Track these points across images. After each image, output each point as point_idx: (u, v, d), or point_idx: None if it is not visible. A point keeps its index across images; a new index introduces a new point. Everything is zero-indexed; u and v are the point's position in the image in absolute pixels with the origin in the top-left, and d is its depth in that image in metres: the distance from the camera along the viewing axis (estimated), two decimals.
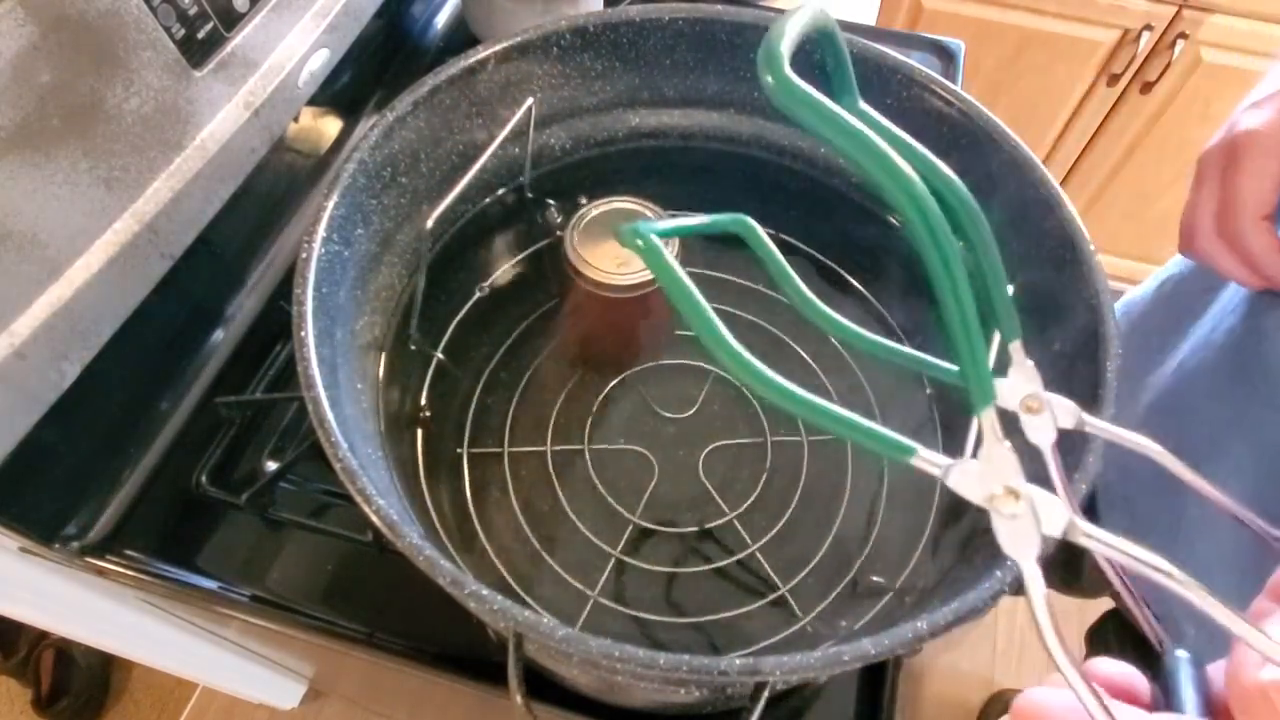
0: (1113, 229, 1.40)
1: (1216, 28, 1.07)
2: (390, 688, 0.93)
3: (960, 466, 0.21)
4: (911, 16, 1.18)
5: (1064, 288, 0.40)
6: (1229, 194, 0.40)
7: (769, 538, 0.46)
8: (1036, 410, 0.24)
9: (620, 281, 0.45)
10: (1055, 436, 0.24)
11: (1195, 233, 0.42)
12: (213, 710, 1.14)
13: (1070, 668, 0.18)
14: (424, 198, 0.46)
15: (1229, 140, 0.40)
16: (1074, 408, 0.24)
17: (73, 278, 0.41)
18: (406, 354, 0.46)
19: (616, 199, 0.48)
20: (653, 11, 0.47)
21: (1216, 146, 0.42)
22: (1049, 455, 0.24)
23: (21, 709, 1.10)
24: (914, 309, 0.52)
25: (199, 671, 0.83)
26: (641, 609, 0.44)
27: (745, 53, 0.49)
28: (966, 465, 0.21)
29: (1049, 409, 0.24)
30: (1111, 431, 0.25)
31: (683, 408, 0.51)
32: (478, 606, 0.28)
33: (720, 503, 0.47)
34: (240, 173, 0.51)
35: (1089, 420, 0.24)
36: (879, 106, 0.27)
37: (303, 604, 0.47)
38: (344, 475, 0.31)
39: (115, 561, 0.48)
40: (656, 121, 0.52)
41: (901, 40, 0.77)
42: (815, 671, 0.28)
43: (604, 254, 0.46)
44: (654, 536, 0.46)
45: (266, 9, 0.50)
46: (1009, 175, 0.43)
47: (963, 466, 0.21)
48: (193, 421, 0.53)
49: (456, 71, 0.44)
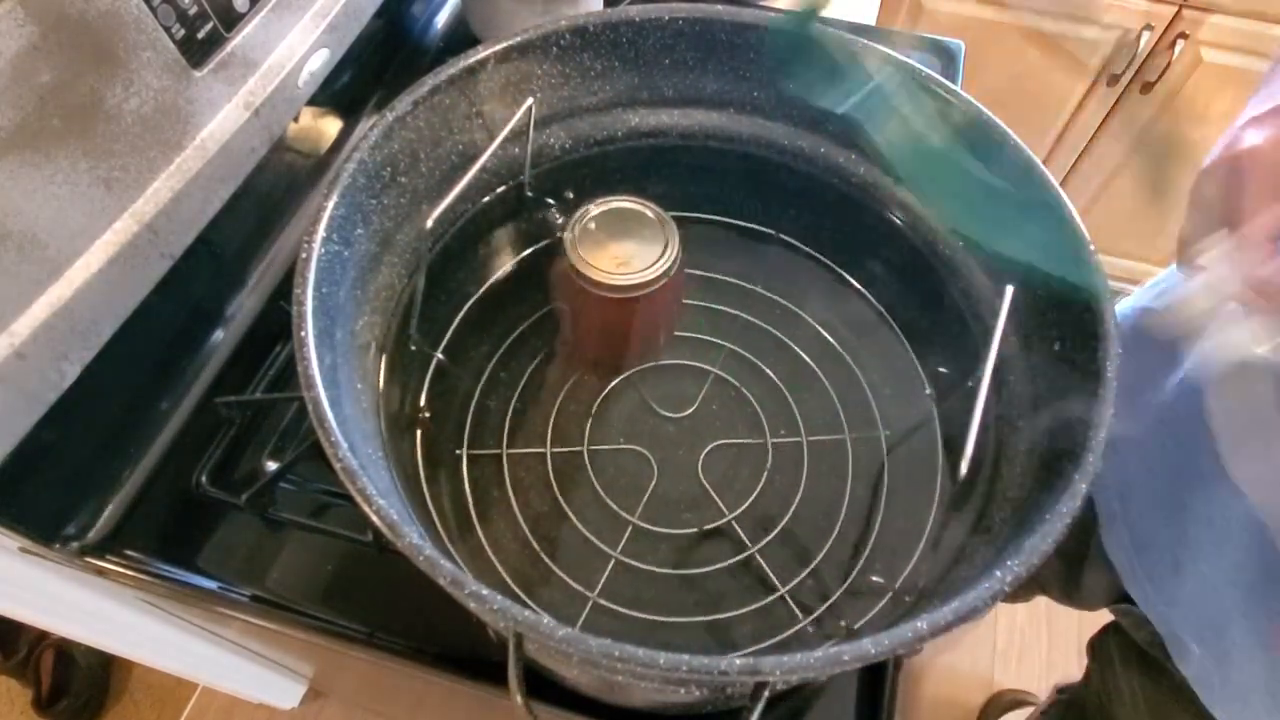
0: (1113, 229, 1.40)
1: (1216, 28, 1.07)
2: (390, 688, 0.93)
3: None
4: (911, 16, 1.17)
5: (1064, 288, 0.40)
6: (1234, 216, 0.39)
7: (769, 538, 0.46)
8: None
9: (620, 281, 0.45)
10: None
11: (1189, 244, 0.42)
12: (213, 710, 1.14)
13: None
14: (424, 198, 0.46)
15: (1230, 159, 0.40)
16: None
17: (73, 278, 0.41)
18: (406, 354, 0.46)
19: (616, 199, 0.48)
20: (653, 11, 0.47)
21: (1217, 165, 0.41)
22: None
23: (21, 709, 1.10)
24: (913, 307, 0.52)
25: (199, 671, 0.83)
26: (641, 609, 0.44)
27: (745, 53, 0.49)
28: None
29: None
30: None
31: (682, 407, 0.51)
32: (478, 606, 0.28)
33: (720, 503, 0.47)
34: (240, 173, 0.51)
35: None
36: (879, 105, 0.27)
37: (303, 604, 0.47)
38: (344, 475, 0.31)
39: (115, 561, 0.48)
40: (656, 121, 0.52)
41: (901, 40, 0.77)
42: (815, 671, 0.28)
43: (604, 254, 0.46)
44: (653, 537, 0.46)
45: (266, 9, 0.50)
46: (1009, 175, 0.43)
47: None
48: (193, 421, 0.53)
49: (456, 71, 0.44)
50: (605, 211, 0.47)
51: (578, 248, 0.46)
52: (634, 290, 0.46)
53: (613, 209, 0.48)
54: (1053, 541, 0.30)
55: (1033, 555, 0.30)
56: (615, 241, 0.46)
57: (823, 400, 0.51)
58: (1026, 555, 0.30)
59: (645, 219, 0.47)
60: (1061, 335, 0.40)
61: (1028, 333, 0.43)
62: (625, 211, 0.48)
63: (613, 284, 0.45)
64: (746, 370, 0.53)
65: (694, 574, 0.46)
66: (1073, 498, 0.32)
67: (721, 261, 0.56)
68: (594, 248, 0.46)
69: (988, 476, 0.42)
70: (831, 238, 0.54)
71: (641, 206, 0.48)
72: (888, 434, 0.50)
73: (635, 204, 0.48)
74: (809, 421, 0.50)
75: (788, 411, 0.51)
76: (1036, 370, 0.42)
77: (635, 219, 0.47)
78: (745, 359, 0.53)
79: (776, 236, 0.55)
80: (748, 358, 0.53)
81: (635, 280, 0.45)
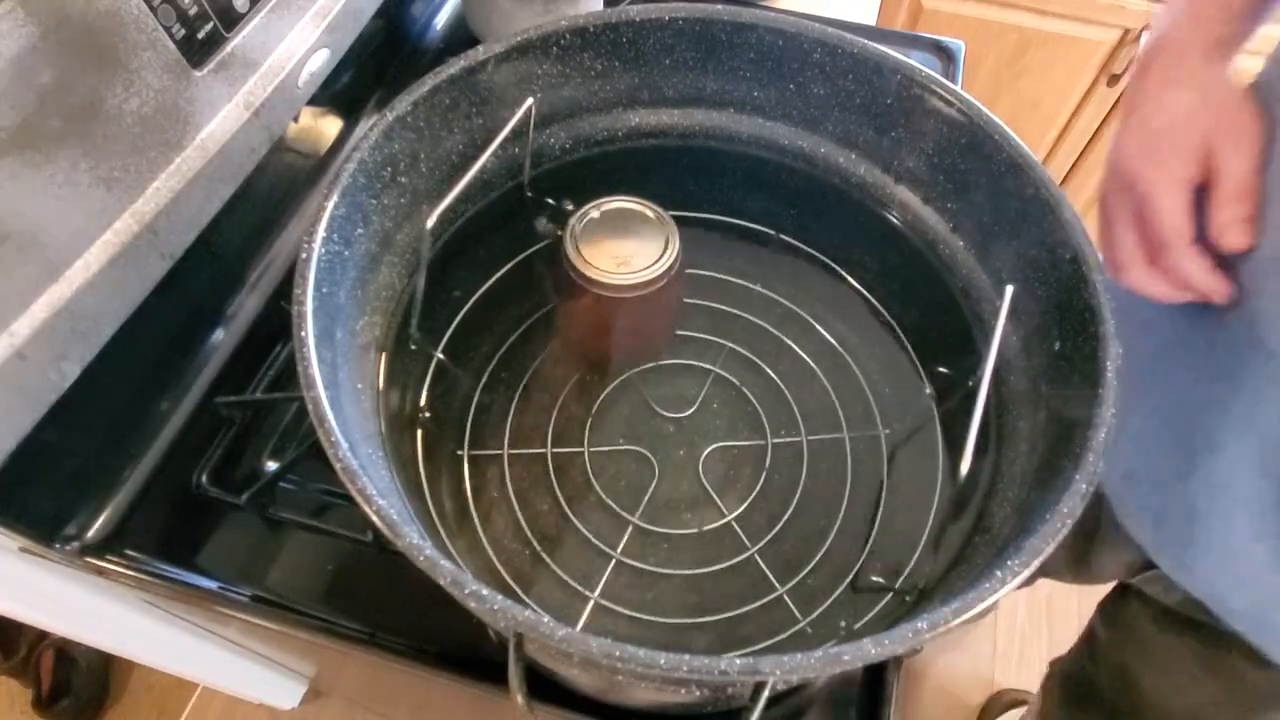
0: None
1: None
2: (391, 688, 0.93)
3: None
4: (911, 16, 1.17)
5: (1064, 288, 0.40)
6: (1152, 230, 0.41)
7: (769, 538, 0.46)
8: None
9: (620, 281, 0.45)
10: None
11: (1125, 268, 0.43)
12: (213, 710, 1.14)
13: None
14: (424, 198, 0.46)
15: (1125, 175, 0.41)
16: None
17: (73, 278, 0.41)
18: (406, 354, 0.46)
19: (617, 198, 0.48)
20: (653, 11, 0.47)
21: (1113, 182, 0.43)
22: None
23: (21, 709, 1.10)
24: (913, 307, 0.52)
25: (199, 671, 0.83)
26: (641, 610, 0.44)
27: (745, 52, 0.49)
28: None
29: None
30: None
31: (682, 407, 0.51)
32: (478, 607, 0.28)
33: (720, 503, 0.47)
34: (240, 173, 0.51)
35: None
36: (879, 106, 0.27)
37: (303, 604, 0.47)
38: (344, 475, 0.31)
39: (115, 561, 0.48)
40: (656, 121, 0.52)
41: (901, 40, 0.77)
42: (815, 671, 0.28)
43: (604, 254, 0.46)
44: (654, 537, 0.46)
45: (266, 9, 0.50)
46: (1009, 175, 0.43)
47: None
48: (193, 421, 0.53)
49: (456, 71, 0.44)
50: (606, 211, 0.47)
51: (578, 247, 0.46)
52: (634, 289, 0.46)
53: (613, 208, 0.48)
54: (1053, 542, 0.31)
55: (1033, 555, 0.30)
56: (615, 241, 0.46)
57: (823, 400, 0.51)
58: (1026, 555, 0.30)
59: (645, 218, 0.47)
60: (1061, 335, 0.40)
61: (1028, 333, 0.43)
62: (626, 211, 0.48)
63: (612, 283, 0.45)
64: (747, 370, 0.53)
65: (694, 574, 0.46)
66: (1073, 498, 0.32)
67: (721, 261, 0.56)
68: (594, 247, 0.46)
69: (988, 476, 0.42)
70: (831, 237, 0.54)
71: (642, 206, 0.48)
72: (888, 434, 0.50)
73: (635, 204, 0.48)
74: (809, 421, 0.51)
75: (788, 411, 0.51)
76: (1036, 370, 0.42)
77: (636, 218, 0.47)
78: (746, 359, 0.53)
79: (776, 237, 0.55)
80: (748, 357, 0.53)
81: (635, 280, 0.45)
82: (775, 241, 0.55)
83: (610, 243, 0.46)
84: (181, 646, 0.74)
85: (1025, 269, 0.43)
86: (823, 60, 0.47)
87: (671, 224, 0.47)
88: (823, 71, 0.48)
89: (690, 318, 0.54)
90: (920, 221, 0.49)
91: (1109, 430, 0.33)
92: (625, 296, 0.46)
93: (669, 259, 0.46)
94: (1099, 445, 0.33)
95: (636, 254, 0.46)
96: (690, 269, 0.53)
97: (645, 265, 0.45)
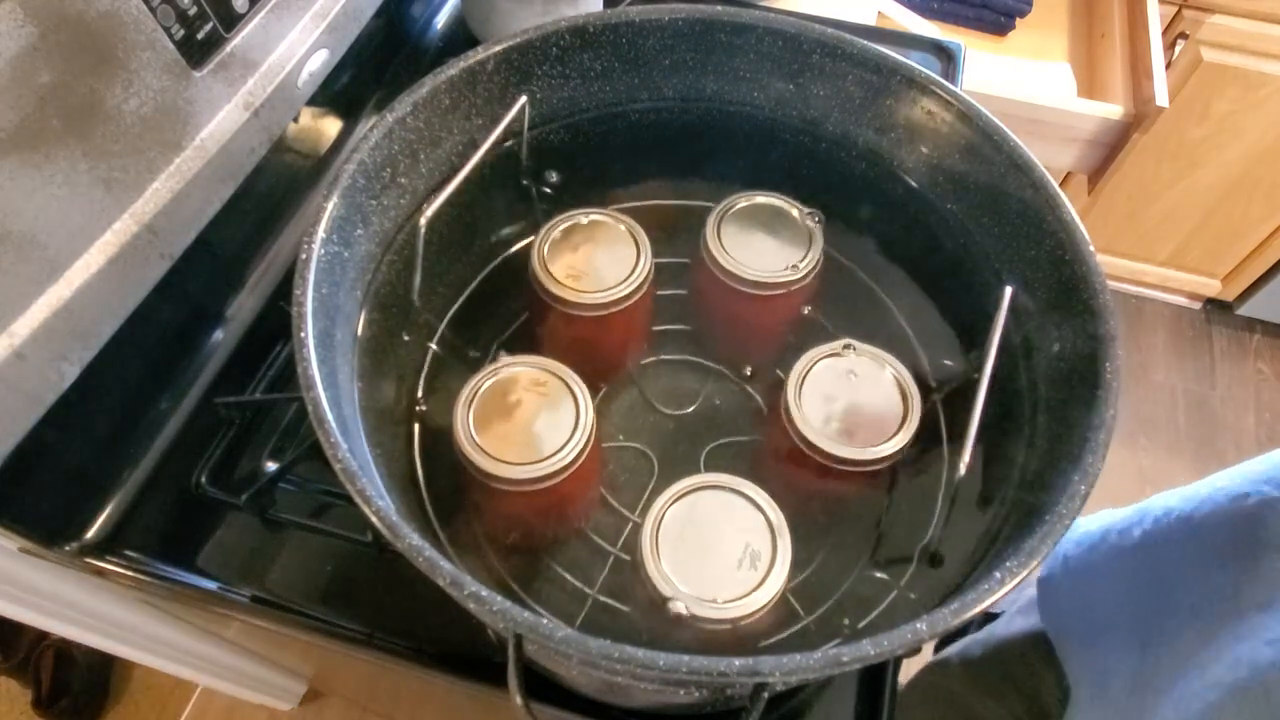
0: (1113, 229, 1.40)
1: (1216, 28, 1.07)
2: (390, 688, 0.93)
3: None
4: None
5: (1063, 288, 0.40)
6: None
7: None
8: None
9: (585, 300, 0.45)
10: None
11: None
12: (213, 710, 1.14)
13: None
14: (423, 198, 0.46)
15: None
16: None
17: (72, 278, 0.41)
18: (405, 354, 0.46)
19: (591, 211, 0.48)
20: (653, 12, 0.47)
21: None
22: None
23: (21, 709, 1.10)
24: (913, 307, 0.52)
25: (199, 671, 0.83)
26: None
27: (745, 53, 0.49)
28: None
29: None
30: None
31: (683, 404, 0.51)
32: (477, 607, 0.28)
33: None
34: (240, 173, 0.51)
35: None
36: (879, 106, 0.27)
37: (303, 604, 0.47)
38: (344, 475, 0.31)
39: (115, 562, 0.48)
40: (656, 120, 0.52)
41: (901, 40, 0.77)
42: (815, 673, 0.28)
43: (568, 267, 0.45)
44: None
45: (266, 9, 0.50)
46: (1009, 176, 0.43)
47: None
48: (193, 421, 0.53)
49: (456, 72, 0.44)
50: (575, 225, 0.47)
51: (545, 263, 0.46)
52: (599, 309, 0.45)
53: (584, 222, 0.47)
54: (1052, 542, 0.31)
55: (1032, 556, 0.30)
56: (583, 257, 0.46)
57: None
58: (1026, 556, 0.30)
59: (619, 233, 0.47)
60: (1061, 335, 0.40)
61: (1028, 333, 0.43)
62: (599, 224, 0.47)
63: (576, 300, 0.45)
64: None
65: None
66: (1072, 499, 0.32)
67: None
68: (561, 262, 0.46)
69: (988, 476, 0.42)
70: (832, 237, 0.54)
71: (616, 221, 0.47)
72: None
73: (606, 216, 0.47)
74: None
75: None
76: (1036, 371, 0.42)
77: (607, 233, 0.47)
78: (747, 355, 0.53)
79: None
80: (750, 355, 0.53)
81: (600, 300, 0.45)
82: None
83: (575, 257, 0.46)
84: (181, 646, 0.74)
85: (1025, 269, 0.43)
86: (823, 60, 0.47)
87: (645, 241, 0.47)
88: (823, 72, 0.48)
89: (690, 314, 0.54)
90: (920, 222, 0.49)
91: (1108, 430, 0.34)
92: (590, 315, 0.45)
93: (639, 278, 0.45)
94: (1099, 446, 0.33)
95: (606, 270, 0.46)
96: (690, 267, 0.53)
97: (613, 283, 0.45)
